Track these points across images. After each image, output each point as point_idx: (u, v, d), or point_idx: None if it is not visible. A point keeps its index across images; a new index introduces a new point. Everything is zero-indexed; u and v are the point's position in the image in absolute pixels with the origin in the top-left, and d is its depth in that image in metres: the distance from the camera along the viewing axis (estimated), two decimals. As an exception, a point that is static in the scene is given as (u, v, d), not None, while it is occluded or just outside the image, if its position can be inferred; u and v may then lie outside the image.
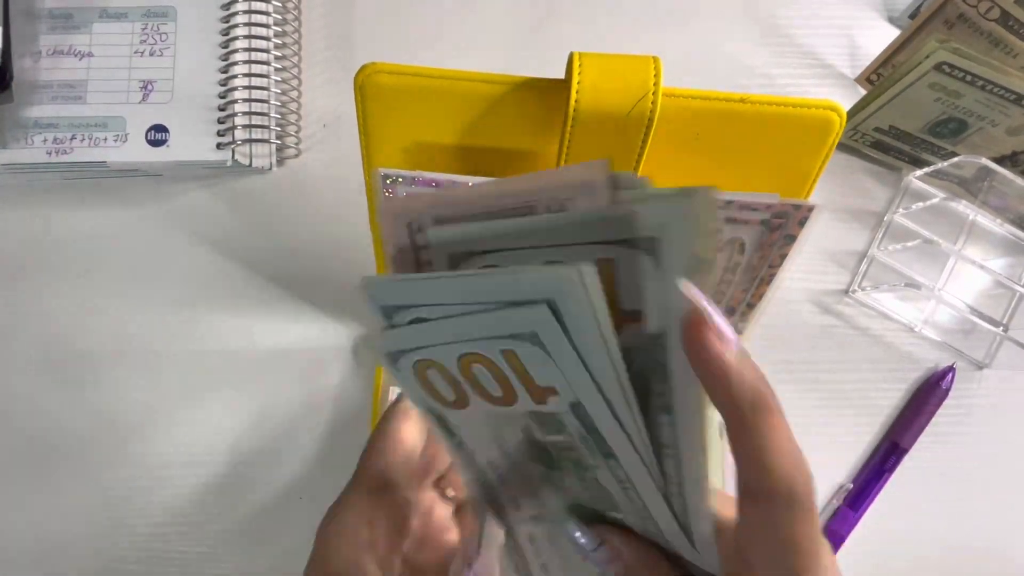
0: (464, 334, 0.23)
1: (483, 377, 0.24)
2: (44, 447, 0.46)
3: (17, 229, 0.48)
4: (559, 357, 0.22)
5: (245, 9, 0.48)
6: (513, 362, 0.23)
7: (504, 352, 0.23)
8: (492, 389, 0.25)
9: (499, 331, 0.23)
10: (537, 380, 0.23)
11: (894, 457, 0.46)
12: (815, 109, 0.33)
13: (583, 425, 0.24)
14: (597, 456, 0.25)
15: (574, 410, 0.24)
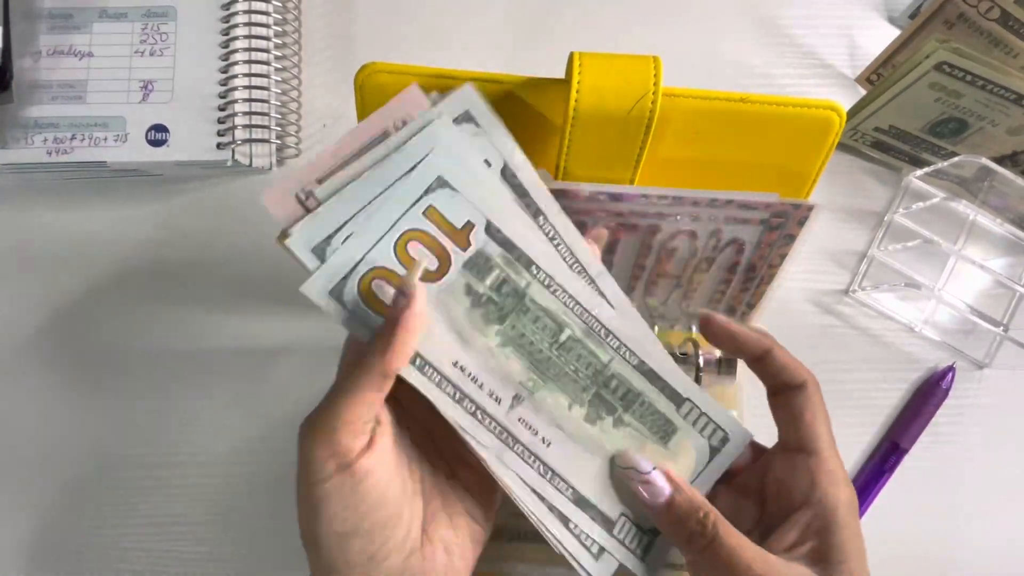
0: (393, 214, 0.28)
1: (420, 253, 0.28)
2: (44, 446, 0.46)
3: (17, 229, 0.48)
4: (462, 186, 0.28)
5: (245, 9, 0.48)
6: (436, 218, 0.28)
7: (426, 212, 0.28)
8: (430, 263, 0.28)
9: (414, 193, 0.28)
10: (456, 222, 0.28)
11: (894, 457, 0.46)
12: (815, 109, 0.34)
13: (500, 244, 0.29)
14: (523, 272, 0.29)
15: (489, 232, 0.29)
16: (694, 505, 0.28)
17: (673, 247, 0.37)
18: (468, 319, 0.29)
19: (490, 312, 0.30)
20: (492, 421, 0.30)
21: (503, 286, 0.29)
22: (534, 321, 0.30)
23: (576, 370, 0.31)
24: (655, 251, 0.38)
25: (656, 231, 0.36)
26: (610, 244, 0.37)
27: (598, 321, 0.30)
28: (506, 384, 0.30)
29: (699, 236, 0.36)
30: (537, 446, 0.30)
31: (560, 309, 0.30)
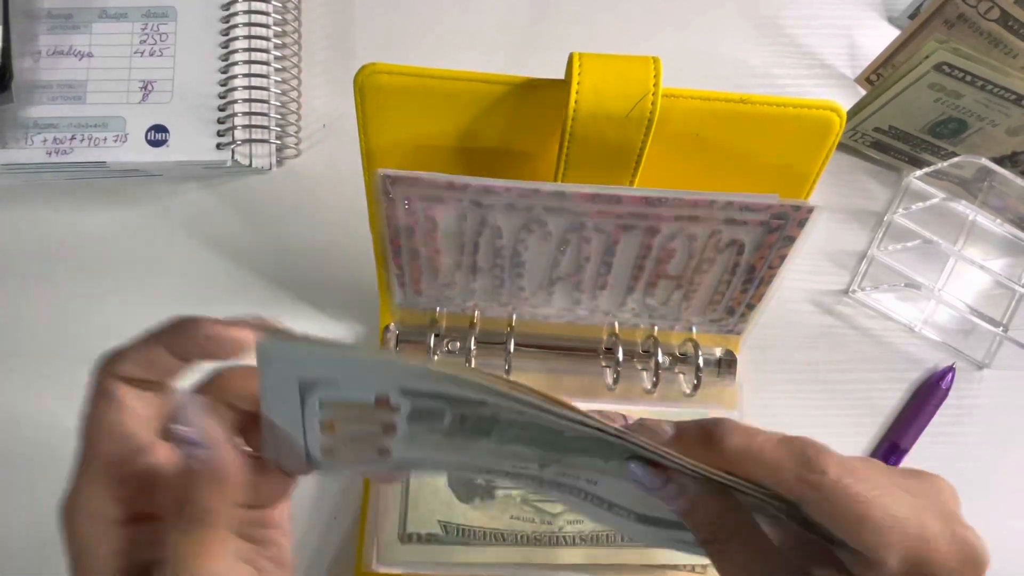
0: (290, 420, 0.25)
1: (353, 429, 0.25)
2: (44, 446, 0.46)
3: (16, 229, 0.48)
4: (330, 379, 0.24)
5: (245, 9, 0.48)
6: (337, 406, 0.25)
7: (323, 407, 0.25)
8: (371, 431, 0.25)
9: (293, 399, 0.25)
10: (366, 400, 0.24)
11: (894, 457, 0.46)
12: (815, 109, 0.33)
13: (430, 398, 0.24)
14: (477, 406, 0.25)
15: (408, 395, 0.24)
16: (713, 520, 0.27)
17: (673, 248, 0.37)
18: (451, 443, 0.26)
19: (471, 432, 0.26)
20: (531, 479, 0.28)
21: (466, 420, 0.25)
22: (523, 428, 0.26)
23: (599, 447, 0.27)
24: (655, 252, 0.38)
25: (656, 232, 0.36)
26: (610, 245, 0.37)
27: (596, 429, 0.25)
28: (525, 460, 0.27)
29: (699, 237, 0.36)
30: (585, 485, 0.29)
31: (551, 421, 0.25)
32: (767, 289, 0.40)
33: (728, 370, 0.44)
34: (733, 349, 0.45)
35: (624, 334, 0.43)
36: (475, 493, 0.41)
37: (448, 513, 0.41)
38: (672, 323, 0.43)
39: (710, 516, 0.26)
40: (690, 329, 0.43)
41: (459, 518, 0.41)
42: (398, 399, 0.24)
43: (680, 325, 0.43)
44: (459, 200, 0.35)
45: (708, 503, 0.26)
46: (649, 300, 0.41)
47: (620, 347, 0.42)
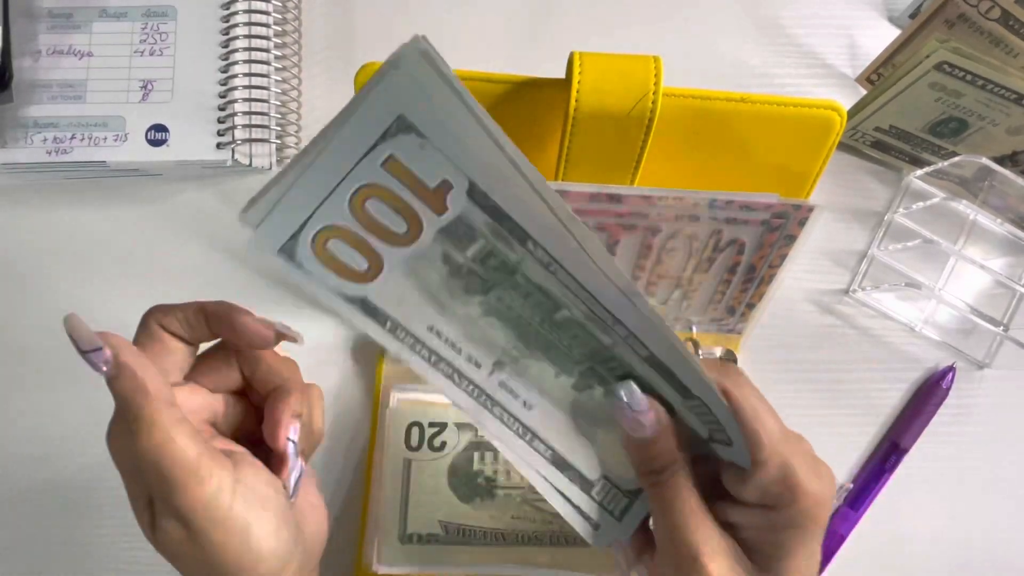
0: (341, 166, 0.23)
1: (382, 213, 0.24)
2: (44, 446, 0.46)
3: (16, 229, 0.48)
4: (433, 134, 0.22)
5: (245, 9, 0.48)
6: (398, 171, 0.23)
7: (386, 164, 0.23)
8: (396, 225, 0.24)
9: (369, 138, 0.22)
10: (428, 181, 0.23)
11: (894, 457, 0.46)
12: (816, 109, 0.34)
13: (487, 212, 0.24)
14: (515, 246, 0.25)
15: (472, 198, 0.24)
16: (668, 452, 0.29)
17: (673, 248, 0.37)
18: (446, 287, 0.26)
19: (471, 283, 0.26)
20: (471, 384, 0.28)
21: (489, 259, 0.25)
22: (525, 296, 0.27)
23: (569, 346, 0.28)
24: (655, 251, 0.37)
25: (656, 231, 0.36)
26: (610, 244, 0.37)
27: (606, 311, 0.26)
28: (488, 350, 0.28)
29: (699, 237, 0.36)
30: (518, 409, 0.29)
31: (559, 291, 0.26)
32: (767, 288, 0.40)
33: (728, 370, 0.44)
34: (733, 349, 0.45)
35: (624, 334, 0.43)
36: (476, 493, 0.41)
37: (448, 513, 0.41)
38: (672, 322, 0.43)
39: (668, 447, 0.29)
40: (690, 328, 0.43)
41: (459, 518, 0.41)
42: (460, 198, 0.24)
43: (680, 324, 0.43)
44: (459, 199, 0.35)
45: (670, 435, 0.29)
46: (649, 300, 0.41)
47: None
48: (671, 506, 0.28)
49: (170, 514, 0.27)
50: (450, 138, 0.22)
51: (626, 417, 0.29)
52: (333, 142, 0.22)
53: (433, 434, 0.42)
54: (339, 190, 0.23)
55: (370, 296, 0.26)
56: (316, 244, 0.24)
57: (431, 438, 0.42)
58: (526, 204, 0.23)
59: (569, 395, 0.30)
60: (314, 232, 0.24)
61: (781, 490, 0.27)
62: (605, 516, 0.32)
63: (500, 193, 0.23)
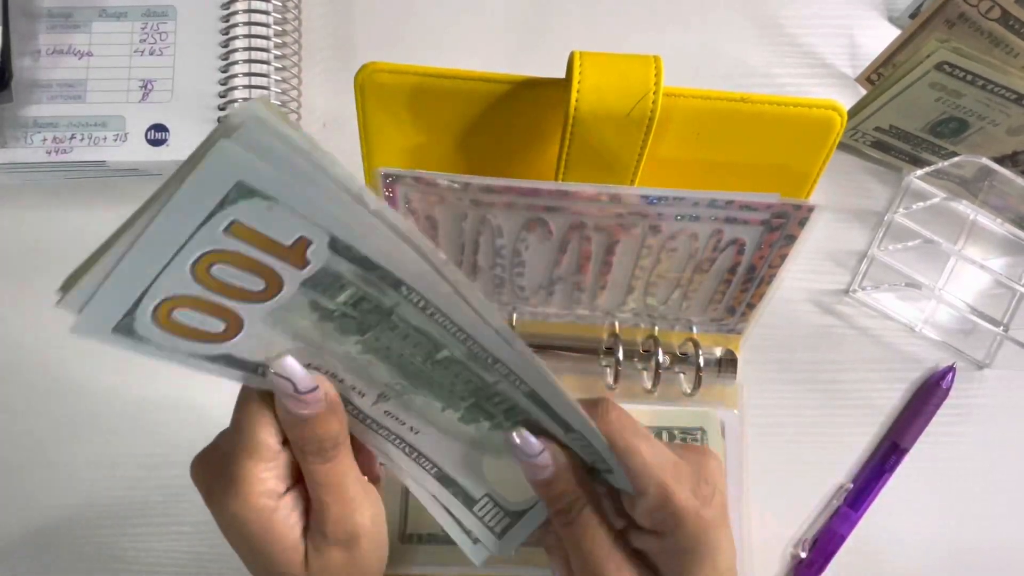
0: (175, 237, 0.21)
1: (233, 276, 0.22)
2: (43, 445, 0.45)
3: (16, 229, 0.48)
4: (281, 194, 0.20)
5: (245, 9, 0.48)
6: (246, 235, 0.21)
7: (229, 230, 0.20)
8: (251, 284, 0.22)
9: (203, 207, 0.20)
10: (282, 240, 0.21)
11: (894, 457, 0.46)
12: (816, 108, 0.33)
13: (354, 263, 0.22)
14: (388, 291, 0.23)
15: (335, 250, 0.22)
16: (570, 490, 0.29)
17: (673, 247, 0.37)
18: (318, 330, 0.25)
19: (346, 325, 0.25)
20: (356, 410, 0.28)
21: (361, 303, 0.24)
22: (403, 337, 0.25)
23: (453, 383, 0.27)
24: (655, 251, 0.37)
25: (656, 231, 0.36)
26: (610, 244, 0.37)
27: (485, 351, 0.25)
28: (370, 384, 0.27)
29: (699, 237, 0.36)
30: (405, 432, 0.29)
31: (438, 332, 0.25)
32: (767, 288, 0.40)
33: (728, 370, 0.44)
34: (733, 349, 0.45)
35: (624, 334, 0.43)
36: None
37: (448, 513, 0.41)
38: (672, 323, 0.43)
39: (571, 486, 0.29)
40: (690, 328, 0.43)
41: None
42: (321, 251, 0.22)
43: (680, 325, 0.43)
44: (459, 199, 0.35)
45: (571, 473, 0.29)
46: (649, 300, 0.41)
47: (620, 347, 0.42)
48: (580, 543, 0.29)
49: (336, 540, 0.28)
50: (301, 197, 0.20)
51: (523, 461, 0.29)
52: (163, 213, 0.21)
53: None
54: (176, 261, 0.21)
55: (234, 352, 0.24)
56: (158, 315, 0.22)
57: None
58: (394, 252, 0.22)
59: (455, 426, 0.29)
60: (154, 305, 0.22)
61: (663, 516, 0.28)
62: (485, 532, 0.32)
63: (365, 244, 0.22)
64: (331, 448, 0.27)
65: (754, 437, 0.45)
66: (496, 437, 0.29)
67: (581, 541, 0.29)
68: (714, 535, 0.28)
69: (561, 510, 0.29)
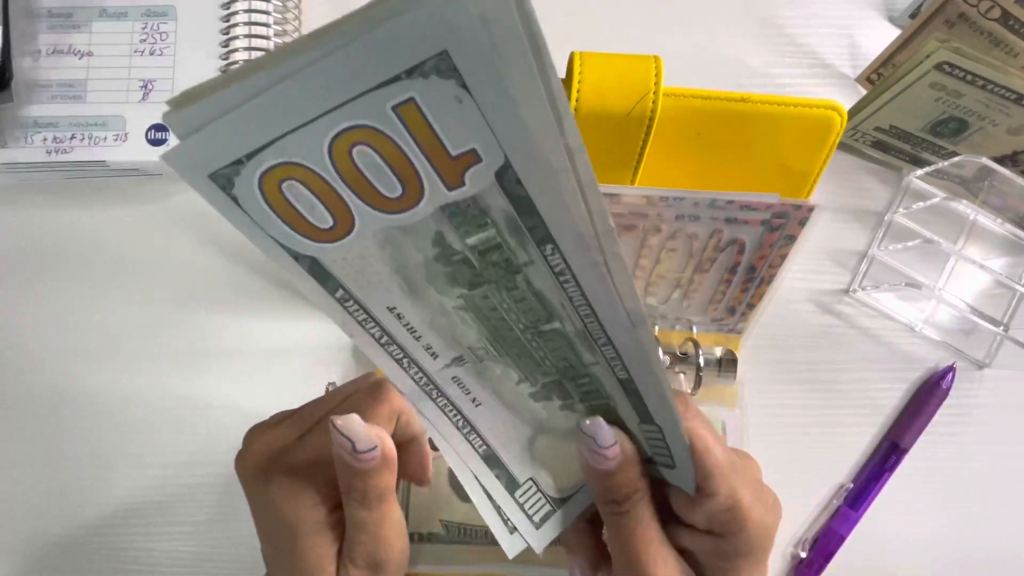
0: (332, 92, 0.16)
1: (372, 168, 0.18)
2: (43, 445, 0.45)
3: (16, 228, 0.48)
4: (482, 90, 0.16)
5: (245, 9, 0.47)
6: (415, 123, 0.17)
7: (401, 108, 0.16)
8: (387, 186, 0.18)
9: (389, 67, 0.15)
10: (450, 144, 0.17)
11: (894, 457, 0.46)
12: (816, 108, 0.33)
13: (513, 201, 0.19)
14: (530, 247, 0.20)
15: (501, 179, 0.18)
16: (630, 483, 0.29)
17: (673, 248, 0.37)
18: (425, 271, 0.21)
19: (459, 274, 0.21)
20: (420, 373, 0.26)
21: (491, 253, 0.21)
22: (517, 301, 0.22)
23: (544, 357, 0.25)
24: (655, 251, 0.37)
25: (656, 231, 0.36)
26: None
27: (603, 331, 0.23)
28: (451, 344, 0.24)
29: (700, 237, 0.36)
30: (464, 403, 0.27)
31: (561, 301, 0.22)
32: (768, 288, 0.40)
33: (729, 369, 0.44)
34: (734, 348, 0.45)
35: (624, 334, 0.43)
36: (475, 493, 0.41)
37: (450, 512, 0.41)
38: (672, 323, 0.43)
39: (631, 477, 0.28)
40: (691, 328, 0.43)
41: (460, 517, 0.41)
42: (484, 176, 0.18)
43: (680, 325, 0.43)
44: (460, 199, 0.35)
45: (634, 466, 0.28)
46: (649, 300, 0.41)
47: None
48: (631, 536, 0.29)
49: (363, 567, 0.29)
50: (504, 102, 0.16)
51: (589, 450, 0.28)
52: (332, 57, 0.16)
53: (433, 434, 0.42)
54: (320, 123, 0.17)
55: (324, 258, 0.21)
56: (266, 181, 0.19)
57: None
58: (564, 205, 0.19)
59: (523, 401, 0.28)
60: (267, 166, 0.18)
61: (728, 519, 0.28)
62: (523, 520, 0.31)
63: (538, 185, 0.18)
64: (375, 499, 0.28)
65: (754, 437, 0.45)
66: (561, 418, 0.28)
67: (633, 533, 0.28)
68: (770, 542, 0.29)
69: (616, 500, 0.29)
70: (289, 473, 0.28)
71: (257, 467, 0.29)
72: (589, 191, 0.18)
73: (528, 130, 0.17)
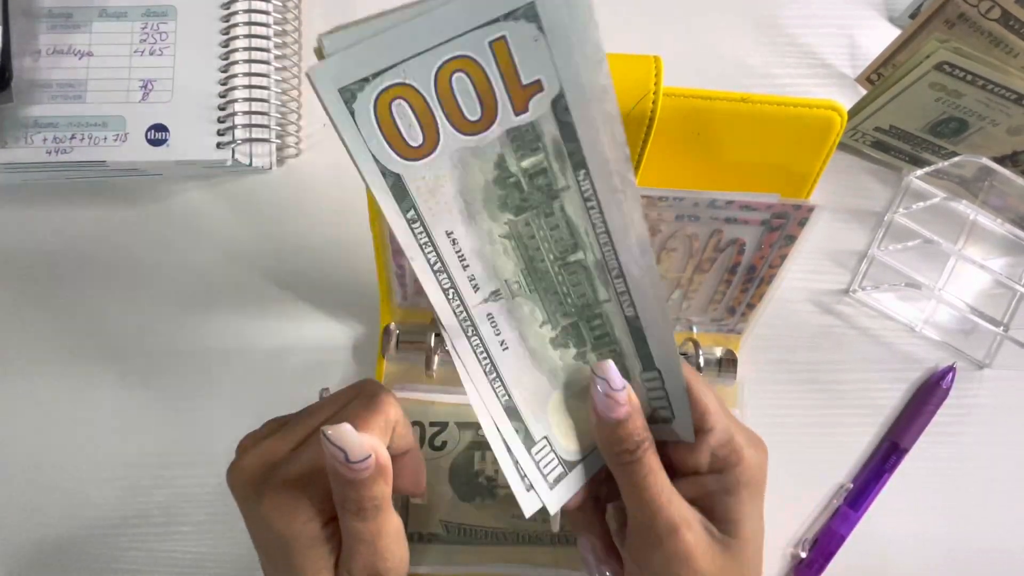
0: (451, 26, 0.22)
1: (463, 92, 0.23)
2: (43, 445, 0.46)
3: (16, 229, 0.48)
4: (553, 32, 0.23)
5: (245, 8, 0.47)
6: (502, 56, 0.23)
7: (494, 44, 0.22)
8: (470, 110, 0.24)
9: (493, 9, 0.22)
10: (523, 74, 0.23)
11: (894, 457, 0.46)
12: (816, 108, 0.33)
13: (561, 128, 0.24)
14: (568, 172, 0.25)
15: (555, 108, 0.24)
16: (638, 432, 0.30)
17: (673, 248, 0.37)
18: (483, 194, 0.26)
19: (510, 198, 0.26)
20: (461, 305, 0.28)
21: (539, 177, 0.26)
22: (552, 228, 0.27)
23: (567, 293, 0.29)
24: (655, 251, 0.38)
25: (656, 231, 0.36)
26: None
27: (617, 260, 0.28)
28: (491, 277, 0.28)
29: (699, 237, 0.36)
30: (493, 346, 0.29)
31: (586, 228, 0.27)
32: (767, 289, 0.40)
33: (729, 370, 0.44)
34: (733, 349, 0.45)
35: (624, 334, 0.43)
36: (476, 492, 0.41)
37: (450, 512, 0.41)
38: (673, 323, 0.43)
39: (639, 427, 0.30)
40: (691, 329, 0.43)
41: (461, 517, 0.41)
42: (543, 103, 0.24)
43: (680, 325, 0.43)
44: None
45: (640, 415, 0.30)
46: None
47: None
48: (644, 483, 0.30)
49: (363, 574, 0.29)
50: (566, 42, 0.23)
51: (599, 395, 0.30)
52: (454, 3, 0.22)
53: (434, 433, 0.42)
54: (436, 51, 0.22)
55: (407, 176, 0.25)
56: (381, 99, 0.23)
57: (432, 437, 0.42)
58: (597, 133, 0.24)
59: (544, 347, 0.30)
60: (387, 85, 0.23)
61: (727, 452, 0.31)
62: (539, 479, 0.32)
63: (582, 113, 0.24)
64: (371, 510, 0.28)
65: (754, 437, 0.46)
66: (574, 370, 0.31)
67: (646, 478, 0.30)
68: (763, 477, 0.32)
69: (626, 450, 0.30)
70: (282, 488, 0.28)
71: (249, 482, 0.29)
72: (615, 124, 0.24)
73: (578, 66, 0.23)
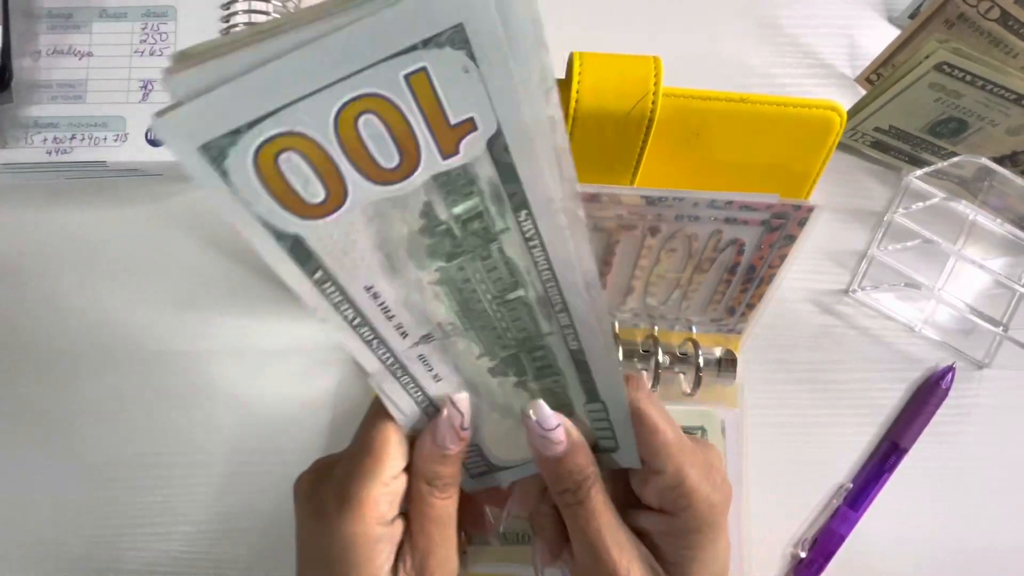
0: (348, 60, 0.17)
1: (374, 137, 0.19)
2: (43, 446, 0.46)
3: (16, 229, 0.48)
4: (488, 61, 0.18)
5: (245, 9, 0.47)
6: (423, 92, 0.18)
7: (411, 78, 0.18)
8: (385, 156, 0.19)
9: (408, 35, 0.17)
10: (451, 113, 0.19)
11: (894, 457, 0.46)
12: (815, 109, 0.34)
13: (499, 169, 0.20)
14: (508, 214, 0.22)
15: (492, 148, 0.20)
16: (579, 469, 0.29)
17: (673, 248, 0.37)
18: (408, 244, 0.22)
19: (440, 246, 0.22)
20: (388, 353, 0.26)
21: (473, 222, 0.22)
22: (489, 270, 0.24)
23: (507, 328, 0.26)
24: (655, 251, 0.38)
25: (656, 231, 0.36)
26: (610, 244, 0.37)
27: (561, 296, 0.25)
28: (421, 322, 0.25)
29: (699, 237, 0.36)
30: (426, 381, 0.28)
31: (527, 267, 0.24)
32: (767, 289, 0.40)
33: (728, 370, 0.44)
34: (733, 349, 0.45)
35: (624, 334, 0.43)
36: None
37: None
38: (672, 323, 0.43)
39: (580, 463, 0.29)
40: (690, 329, 0.43)
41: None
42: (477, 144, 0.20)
43: (680, 325, 0.43)
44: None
45: (582, 450, 0.29)
46: (649, 300, 0.41)
47: (620, 347, 0.42)
48: (588, 525, 0.29)
49: None
50: (504, 71, 0.18)
51: (535, 434, 0.29)
52: (352, 27, 0.17)
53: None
54: (332, 90, 0.18)
55: (308, 237, 0.21)
56: (263, 154, 0.19)
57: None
58: (541, 172, 0.20)
59: (481, 376, 0.28)
60: (268, 136, 0.18)
61: (676, 496, 0.29)
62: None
63: (523, 151, 0.20)
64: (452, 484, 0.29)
65: (754, 437, 0.46)
66: (513, 396, 0.29)
67: (589, 522, 0.29)
68: (720, 520, 0.29)
69: (568, 489, 0.29)
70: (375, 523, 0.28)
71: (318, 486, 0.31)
72: (563, 158, 0.20)
73: (518, 100, 0.19)
